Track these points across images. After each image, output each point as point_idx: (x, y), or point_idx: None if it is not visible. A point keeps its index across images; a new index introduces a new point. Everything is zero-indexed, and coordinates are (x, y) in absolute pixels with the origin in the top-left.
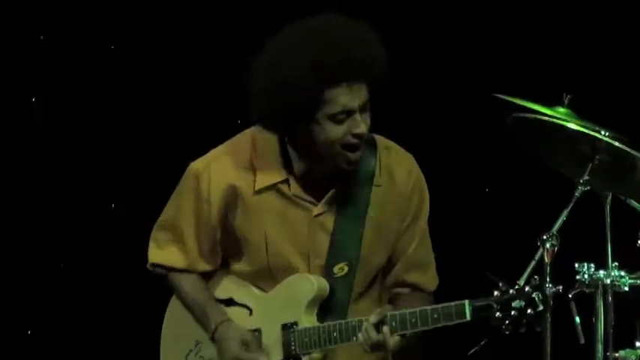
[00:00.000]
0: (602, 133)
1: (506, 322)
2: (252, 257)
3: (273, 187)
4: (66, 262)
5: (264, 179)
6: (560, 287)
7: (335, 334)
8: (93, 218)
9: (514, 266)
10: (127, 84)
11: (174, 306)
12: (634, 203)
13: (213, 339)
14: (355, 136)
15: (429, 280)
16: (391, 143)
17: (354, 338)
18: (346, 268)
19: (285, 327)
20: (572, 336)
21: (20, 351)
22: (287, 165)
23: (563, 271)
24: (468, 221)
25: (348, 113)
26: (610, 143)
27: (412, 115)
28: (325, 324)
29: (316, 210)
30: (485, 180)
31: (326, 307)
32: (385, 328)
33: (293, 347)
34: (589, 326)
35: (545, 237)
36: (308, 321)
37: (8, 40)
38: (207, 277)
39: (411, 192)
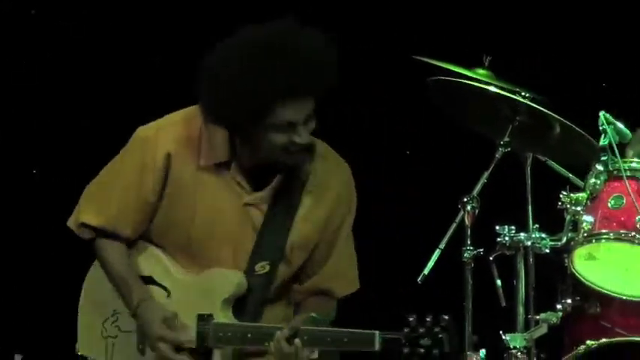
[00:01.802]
0: (523, 94)
1: (414, 357)
2: (175, 233)
3: (214, 167)
4: None
5: (208, 157)
6: (481, 250)
7: (249, 335)
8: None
9: (435, 229)
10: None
11: (95, 272)
12: (554, 164)
13: (134, 315)
14: (296, 144)
15: (345, 287)
16: (330, 151)
17: (267, 344)
18: (267, 267)
19: (201, 318)
20: (494, 299)
21: None
22: (232, 149)
23: (483, 234)
24: (388, 184)
25: (291, 125)
26: (530, 105)
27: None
28: (241, 323)
29: (248, 198)
30: (405, 142)
31: (242, 303)
32: (297, 341)
33: (206, 339)
34: (510, 289)
35: (465, 199)
36: (224, 316)
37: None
38: (132, 249)
39: (339, 203)
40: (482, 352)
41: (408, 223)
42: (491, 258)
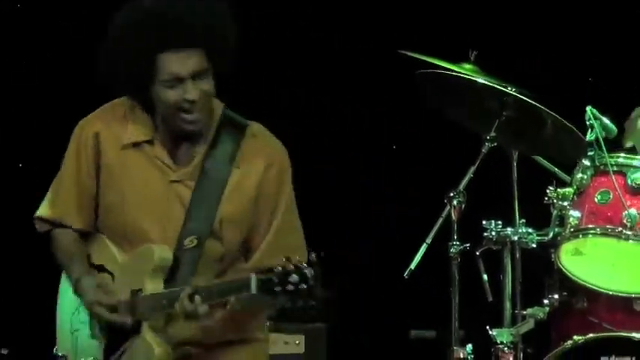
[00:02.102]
0: (509, 88)
1: (287, 296)
2: (111, 218)
3: (137, 146)
4: None
5: (131, 136)
6: (468, 244)
7: (164, 301)
8: None
9: (422, 224)
10: None
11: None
12: (541, 160)
13: (76, 292)
14: (186, 101)
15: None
16: (263, 131)
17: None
18: (195, 241)
19: (133, 293)
20: (480, 293)
21: None
22: (154, 128)
23: (470, 229)
24: (375, 179)
25: (180, 80)
26: (517, 98)
27: (321, 74)
28: (160, 291)
29: (174, 175)
30: (392, 137)
31: (173, 276)
32: (197, 298)
33: (138, 312)
34: (497, 284)
35: (452, 194)
36: (152, 289)
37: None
38: (88, 241)
39: (270, 172)
40: (469, 346)
41: (394, 217)
42: (477, 253)
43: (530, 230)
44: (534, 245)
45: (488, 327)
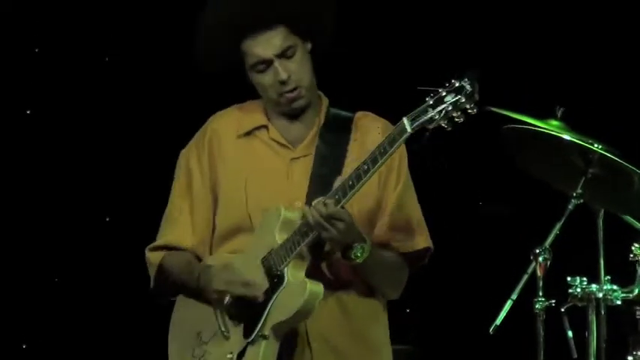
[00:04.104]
0: (596, 145)
1: (445, 118)
2: (232, 210)
3: (252, 133)
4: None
5: (246, 125)
6: (553, 301)
7: (297, 236)
8: (88, 228)
9: (507, 280)
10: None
11: (174, 314)
12: (628, 218)
13: (198, 288)
14: (280, 83)
15: (406, 242)
16: (369, 113)
17: (306, 231)
18: None
19: (264, 259)
20: (565, 350)
21: None
22: (265, 114)
23: (555, 285)
24: (462, 234)
25: (266, 62)
26: (603, 156)
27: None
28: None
29: (293, 154)
30: (479, 193)
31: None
32: (329, 201)
33: (273, 269)
34: (582, 340)
35: (537, 251)
36: (283, 239)
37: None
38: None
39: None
40: None
41: (481, 273)
42: (562, 309)
43: (615, 287)
44: (619, 302)
45: None
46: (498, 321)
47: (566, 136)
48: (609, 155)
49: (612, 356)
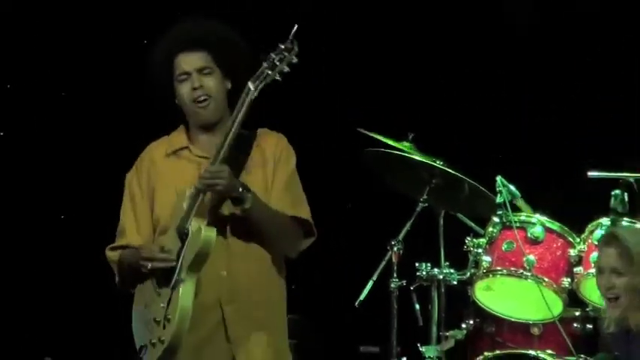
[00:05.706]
0: (438, 162)
1: (277, 72)
2: (166, 212)
3: (177, 152)
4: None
5: (173, 145)
6: (405, 281)
7: (193, 201)
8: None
9: (370, 265)
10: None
11: (134, 300)
12: (461, 216)
13: (138, 266)
14: (194, 89)
15: (297, 211)
16: (268, 130)
17: (198, 193)
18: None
19: (177, 227)
20: (414, 319)
21: None
22: (189, 136)
23: (406, 269)
24: (334, 229)
25: (187, 74)
26: (443, 170)
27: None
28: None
29: (206, 163)
30: (347, 198)
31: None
32: (208, 167)
33: (184, 230)
34: (426, 311)
35: (393, 242)
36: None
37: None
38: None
39: (275, 148)
40: (404, 359)
41: (349, 260)
42: (412, 288)
43: (452, 271)
44: (455, 282)
45: (419, 344)
46: (362, 296)
47: (416, 156)
48: (447, 169)
49: (449, 324)
